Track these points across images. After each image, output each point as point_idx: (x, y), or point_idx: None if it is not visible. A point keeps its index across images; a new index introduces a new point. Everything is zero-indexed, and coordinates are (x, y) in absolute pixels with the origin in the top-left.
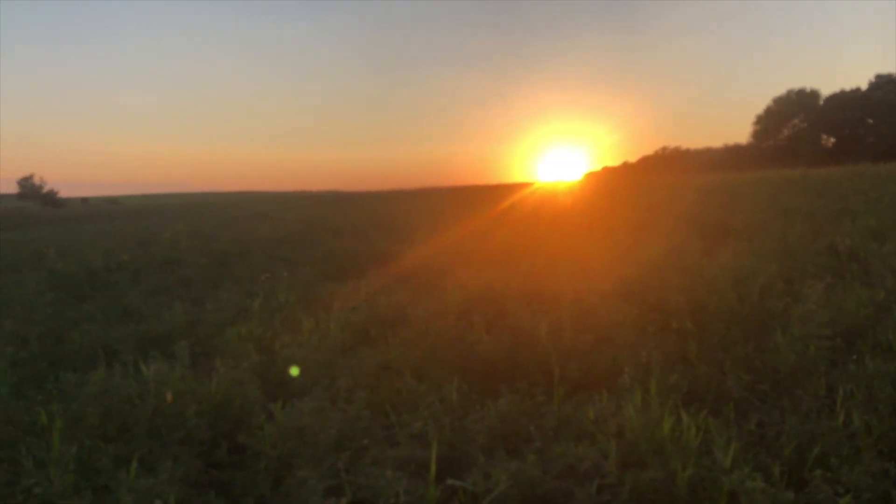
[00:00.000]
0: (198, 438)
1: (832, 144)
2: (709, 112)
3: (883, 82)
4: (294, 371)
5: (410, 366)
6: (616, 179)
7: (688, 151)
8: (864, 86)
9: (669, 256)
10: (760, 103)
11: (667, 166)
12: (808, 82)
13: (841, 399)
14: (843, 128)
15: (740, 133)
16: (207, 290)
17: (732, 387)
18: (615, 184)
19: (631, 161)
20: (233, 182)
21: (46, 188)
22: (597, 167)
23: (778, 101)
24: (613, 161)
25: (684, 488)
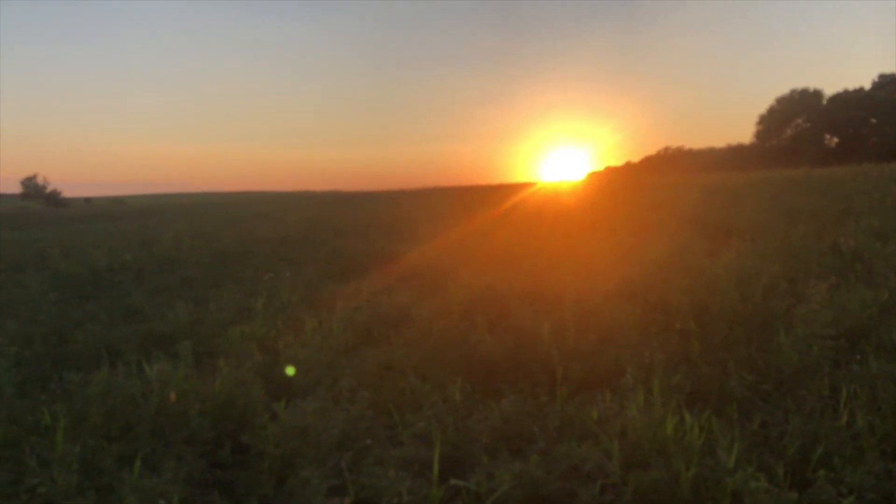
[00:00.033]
0: (201, 438)
1: (835, 144)
2: (712, 112)
3: (886, 82)
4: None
5: (413, 366)
6: (619, 179)
7: (690, 151)
8: (867, 85)
9: (672, 256)
10: (763, 103)
11: (670, 166)
12: (811, 82)
13: (844, 399)
14: (847, 127)
15: (743, 133)
16: (210, 290)
17: (736, 387)
18: (618, 184)
19: (634, 161)
20: (235, 182)
21: (50, 188)
22: (599, 167)
23: (781, 100)
24: (616, 161)
25: (688, 489)
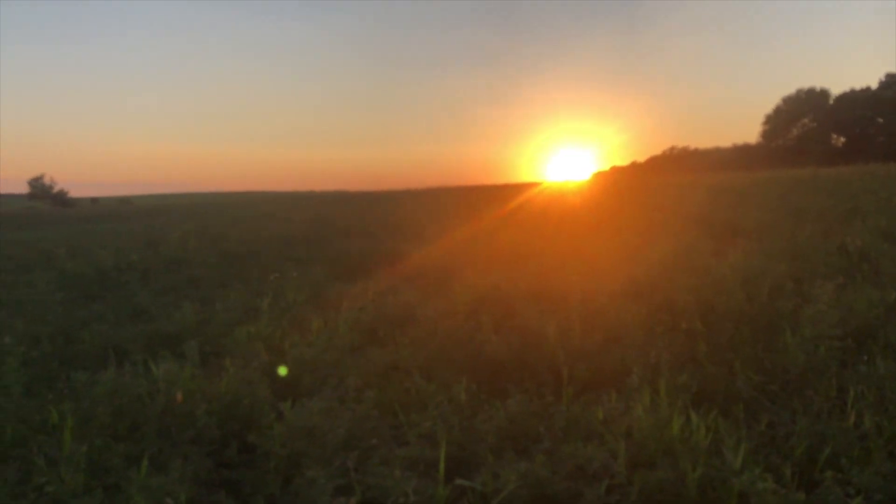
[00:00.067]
0: (208, 437)
1: (842, 144)
2: (718, 111)
3: (893, 81)
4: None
5: (419, 365)
6: (624, 179)
7: (696, 151)
8: (874, 85)
9: (678, 256)
10: (770, 103)
11: (675, 166)
12: (817, 81)
13: (852, 400)
14: (854, 127)
15: (749, 132)
16: (216, 290)
17: (742, 387)
18: (623, 184)
19: (639, 161)
20: (238, 182)
21: (57, 188)
22: (605, 167)
23: (787, 100)
24: (622, 161)
25: (694, 489)
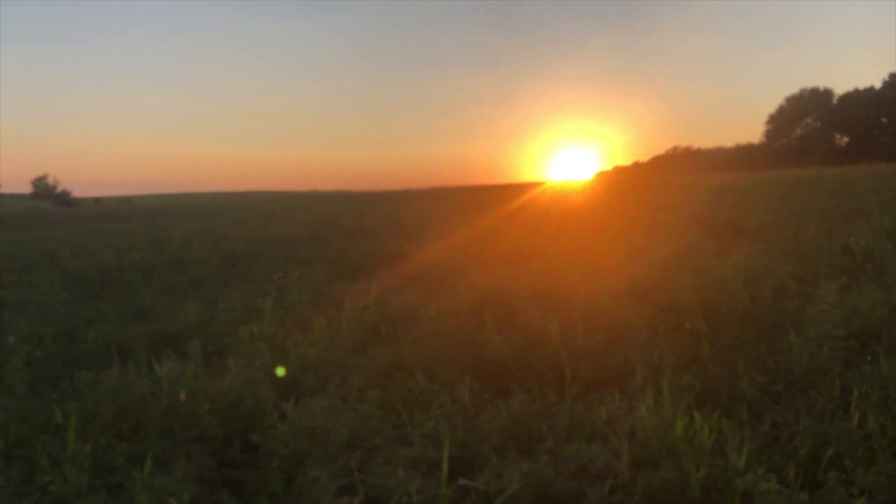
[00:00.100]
0: (211, 437)
1: (846, 144)
2: (721, 111)
3: None
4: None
5: (422, 365)
6: (627, 179)
7: (699, 151)
8: (877, 84)
9: (681, 256)
10: (773, 102)
11: (678, 166)
12: (821, 81)
13: (855, 400)
14: (857, 127)
15: (753, 132)
16: (219, 290)
17: (745, 388)
18: (626, 183)
19: (642, 161)
20: (242, 182)
21: (60, 188)
22: (608, 167)
23: (791, 100)
24: (625, 161)
25: (697, 489)
